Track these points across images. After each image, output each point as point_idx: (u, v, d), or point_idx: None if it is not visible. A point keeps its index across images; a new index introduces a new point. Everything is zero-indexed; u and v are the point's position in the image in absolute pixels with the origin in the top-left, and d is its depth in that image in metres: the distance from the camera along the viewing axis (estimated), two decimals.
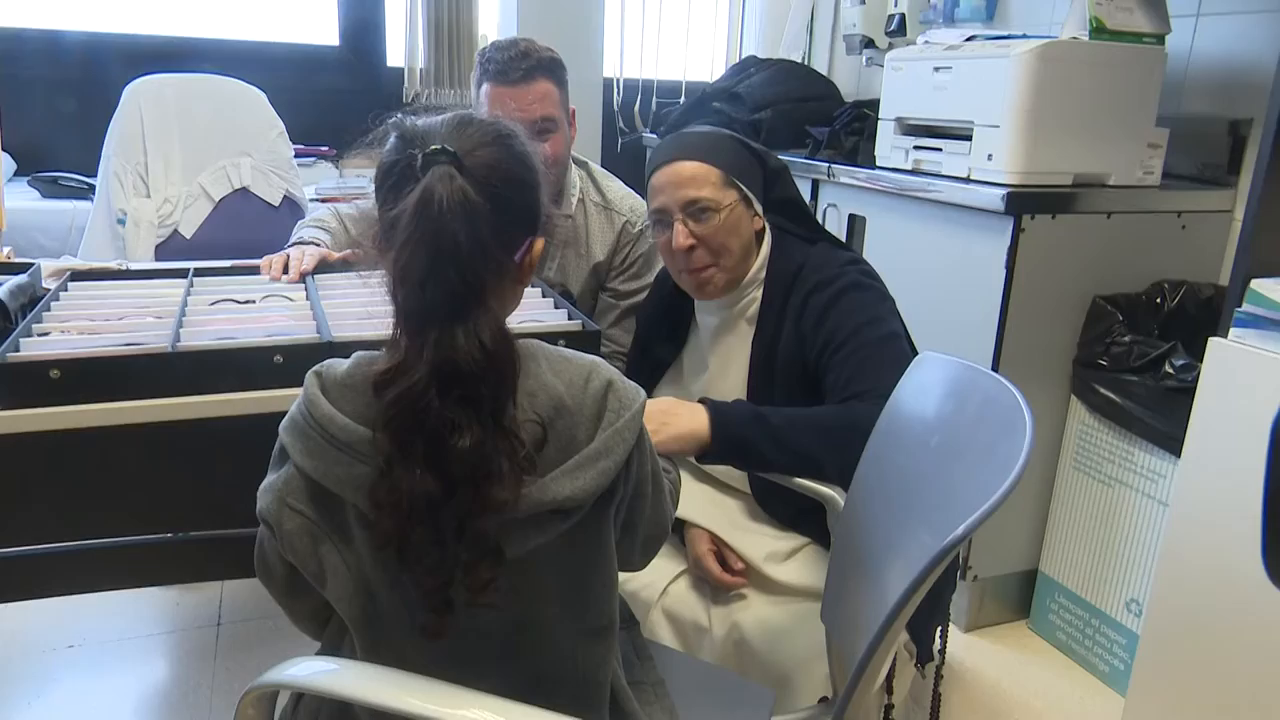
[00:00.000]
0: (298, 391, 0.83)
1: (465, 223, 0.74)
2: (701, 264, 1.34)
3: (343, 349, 1.10)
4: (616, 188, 1.85)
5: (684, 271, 1.36)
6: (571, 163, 1.80)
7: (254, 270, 1.58)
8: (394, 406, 0.74)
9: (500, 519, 0.76)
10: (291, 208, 2.41)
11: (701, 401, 1.22)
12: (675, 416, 1.19)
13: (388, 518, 0.76)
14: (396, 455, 0.75)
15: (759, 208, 1.37)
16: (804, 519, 1.33)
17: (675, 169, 1.32)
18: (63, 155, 2.82)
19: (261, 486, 0.84)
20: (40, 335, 1.19)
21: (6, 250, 1.60)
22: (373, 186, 0.84)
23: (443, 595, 0.77)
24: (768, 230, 1.39)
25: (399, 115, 0.84)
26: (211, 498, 1.20)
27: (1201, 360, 1.43)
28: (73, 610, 1.98)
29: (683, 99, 3.46)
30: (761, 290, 1.38)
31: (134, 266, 1.62)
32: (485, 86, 1.64)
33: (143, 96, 2.33)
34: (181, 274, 1.52)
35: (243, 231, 2.34)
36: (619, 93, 3.45)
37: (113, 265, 1.59)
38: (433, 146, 0.77)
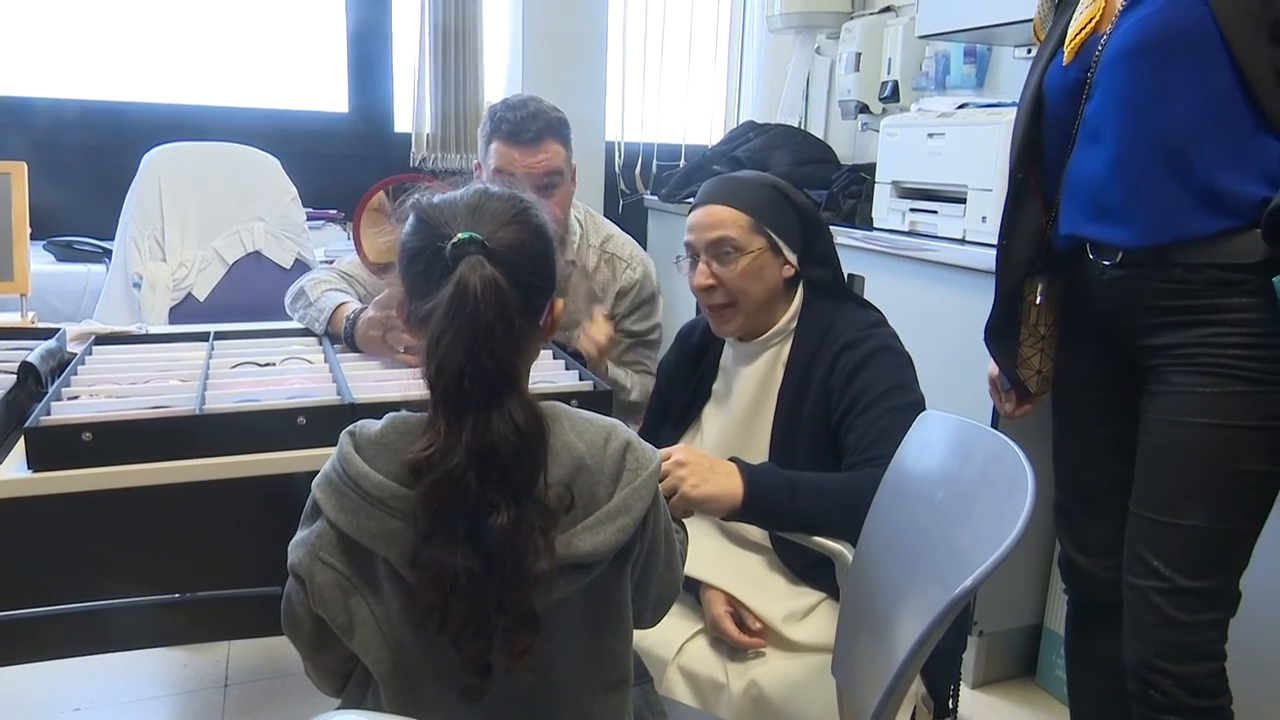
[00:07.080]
0: (321, 452, 0.86)
1: (498, 310, 0.78)
2: (719, 304, 1.41)
3: (363, 410, 1.14)
4: (616, 234, 1.92)
5: (705, 307, 1.44)
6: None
7: (271, 334, 1.62)
8: (434, 490, 0.78)
9: (538, 588, 0.79)
10: (301, 270, 2.46)
11: (734, 461, 1.25)
12: (714, 474, 1.21)
13: (430, 591, 0.79)
14: (437, 534, 0.78)
15: (791, 257, 1.42)
16: (819, 569, 1.34)
17: (708, 210, 1.41)
18: (77, 219, 2.87)
19: (292, 542, 0.87)
20: (69, 399, 1.22)
21: (31, 315, 1.65)
22: (398, 266, 0.88)
23: (483, 661, 0.81)
24: (801, 283, 1.44)
25: (418, 196, 0.87)
26: (232, 557, 1.22)
27: None
28: (78, 673, 1.97)
29: (682, 162, 3.55)
30: (791, 343, 1.43)
31: (154, 330, 1.66)
32: (495, 144, 1.68)
33: (161, 165, 2.40)
34: (201, 337, 1.56)
35: (254, 294, 2.40)
36: (620, 155, 3.54)
37: (133, 329, 1.63)
38: (459, 235, 0.81)
